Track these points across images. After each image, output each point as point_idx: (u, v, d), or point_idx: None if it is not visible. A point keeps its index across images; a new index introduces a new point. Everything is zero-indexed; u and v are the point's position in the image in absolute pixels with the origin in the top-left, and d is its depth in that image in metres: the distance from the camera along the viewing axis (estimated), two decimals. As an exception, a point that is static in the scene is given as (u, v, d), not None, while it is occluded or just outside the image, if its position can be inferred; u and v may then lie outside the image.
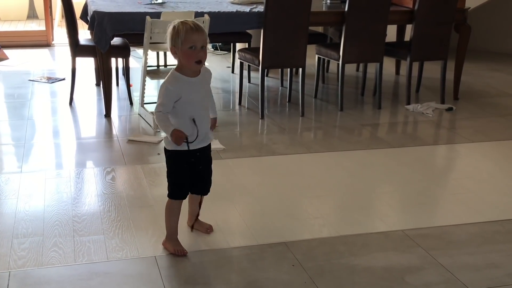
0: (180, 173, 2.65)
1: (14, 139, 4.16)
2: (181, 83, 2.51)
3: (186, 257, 2.66)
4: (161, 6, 4.83)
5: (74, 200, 3.20)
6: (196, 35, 2.43)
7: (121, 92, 5.40)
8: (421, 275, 2.57)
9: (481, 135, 4.51)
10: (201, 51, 2.46)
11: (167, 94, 2.50)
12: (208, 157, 2.71)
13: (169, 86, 2.51)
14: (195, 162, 2.63)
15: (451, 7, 5.00)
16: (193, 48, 2.45)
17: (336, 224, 3.02)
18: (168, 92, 2.50)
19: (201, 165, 2.67)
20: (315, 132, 4.62)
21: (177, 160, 2.63)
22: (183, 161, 2.62)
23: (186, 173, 2.65)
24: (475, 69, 6.65)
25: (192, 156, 2.61)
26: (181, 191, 2.67)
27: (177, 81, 2.51)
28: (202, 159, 2.66)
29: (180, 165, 2.63)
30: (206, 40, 2.48)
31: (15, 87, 5.50)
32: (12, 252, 2.66)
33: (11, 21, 8.90)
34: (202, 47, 2.46)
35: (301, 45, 4.73)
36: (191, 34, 2.43)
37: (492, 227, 3.03)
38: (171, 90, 2.50)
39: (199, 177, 2.69)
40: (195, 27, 2.44)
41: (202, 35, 2.46)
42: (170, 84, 2.51)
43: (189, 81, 2.52)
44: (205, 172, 2.71)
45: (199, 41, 2.45)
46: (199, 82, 2.55)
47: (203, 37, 2.46)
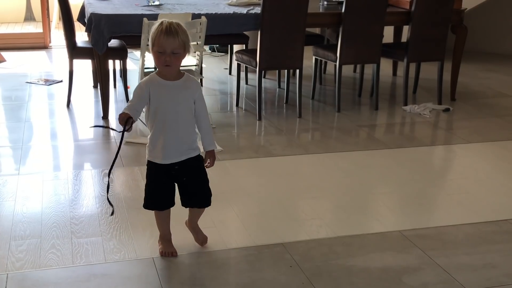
0: (156, 185, 2.60)
1: (12, 141, 4.16)
2: (154, 84, 2.46)
3: (184, 259, 2.66)
4: (158, 8, 4.83)
5: (71, 202, 3.21)
6: (165, 40, 2.35)
7: (118, 94, 5.40)
8: (418, 275, 2.58)
9: (478, 135, 4.52)
10: (170, 56, 2.38)
11: (136, 91, 2.47)
12: (194, 169, 2.60)
13: (141, 84, 2.47)
14: (176, 174, 2.57)
15: (448, 8, 5.02)
16: (161, 53, 2.38)
17: (333, 225, 3.03)
18: (137, 89, 2.47)
19: (185, 177, 2.59)
20: (313, 133, 4.63)
21: (153, 171, 2.59)
22: (159, 173, 2.56)
23: (163, 186, 2.59)
24: (471, 70, 6.66)
25: (171, 169, 2.55)
26: (156, 202, 2.62)
27: (150, 81, 2.47)
28: (184, 171, 2.57)
29: (155, 177, 2.58)
30: (180, 45, 2.38)
31: (13, 89, 5.50)
32: (9, 254, 2.66)
33: (8, 23, 8.89)
34: (173, 52, 2.38)
35: (298, 47, 4.74)
36: (160, 38, 2.36)
37: (489, 228, 3.04)
38: (142, 88, 2.46)
39: (185, 190, 2.63)
40: (167, 30, 2.35)
41: (174, 40, 2.36)
42: (142, 82, 2.48)
43: (164, 83, 2.45)
44: (191, 184, 2.61)
45: (168, 46, 2.36)
46: (176, 87, 2.46)
47: (175, 43, 2.36)
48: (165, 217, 2.68)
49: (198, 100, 2.53)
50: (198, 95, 2.53)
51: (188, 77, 2.52)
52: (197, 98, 2.53)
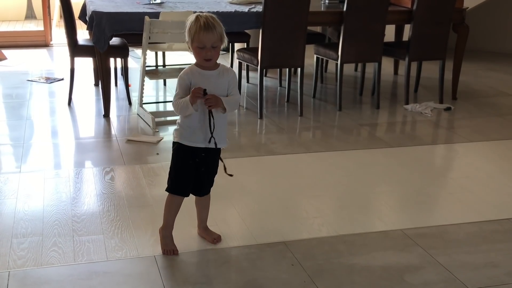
0: (182, 167, 2.64)
1: (13, 139, 4.16)
2: (193, 73, 2.54)
3: (186, 257, 2.66)
4: (159, 6, 4.83)
5: (73, 200, 3.21)
6: (204, 35, 2.44)
7: (119, 92, 5.40)
8: (420, 274, 2.57)
9: (479, 134, 4.52)
10: (210, 50, 2.47)
11: (179, 83, 2.56)
12: (213, 164, 2.69)
13: (182, 75, 2.56)
14: (199, 162, 2.62)
15: (449, 7, 5.01)
16: (202, 48, 2.47)
17: (335, 223, 3.03)
18: (181, 81, 2.55)
19: (204, 168, 2.65)
20: (314, 132, 4.62)
21: (182, 154, 2.62)
22: (188, 157, 2.61)
23: (190, 170, 2.64)
24: (473, 69, 6.66)
25: (197, 155, 2.60)
26: (181, 186, 2.66)
27: (190, 71, 2.55)
28: (206, 162, 2.64)
29: (185, 159, 2.62)
30: (218, 38, 2.47)
31: (14, 87, 5.50)
32: (11, 252, 2.66)
33: (9, 21, 8.89)
34: (213, 46, 2.46)
35: (300, 45, 4.74)
36: (200, 33, 2.44)
37: (490, 226, 3.04)
38: (183, 78, 2.54)
39: (198, 179, 2.67)
40: (205, 25, 2.44)
41: (213, 34, 2.44)
42: (183, 73, 2.56)
43: (202, 72, 2.54)
44: (205, 177, 2.69)
45: (208, 40, 2.45)
46: (214, 75, 2.55)
47: (214, 37, 2.45)
48: (177, 207, 2.71)
49: (230, 84, 2.60)
50: (231, 80, 2.60)
51: (223, 66, 2.60)
52: (230, 83, 2.60)
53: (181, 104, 2.52)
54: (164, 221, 2.73)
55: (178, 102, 2.54)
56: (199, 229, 2.84)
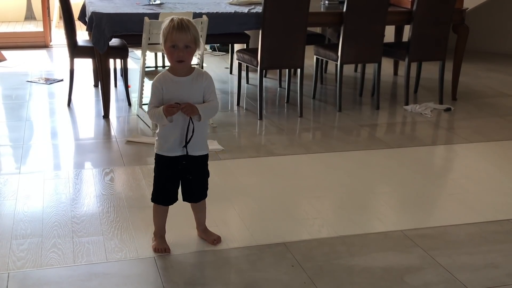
0: (163, 178, 2.64)
1: (12, 140, 4.15)
2: (166, 79, 2.52)
3: (185, 258, 2.66)
4: (159, 7, 4.83)
5: (73, 201, 3.20)
6: (178, 34, 2.42)
7: (119, 93, 5.39)
8: (420, 275, 2.57)
9: (479, 135, 4.52)
10: (182, 50, 2.44)
11: (153, 90, 2.53)
12: (199, 169, 2.67)
13: (155, 82, 2.53)
14: (182, 170, 2.61)
15: (449, 7, 5.01)
16: (174, 47, 2.44)
17: (335, 224, 3.03)
18: (153, 88, 2.53)
19: (191, 176, 2.64)
20: (314, 132, 4.62)
21: (160, 165, 2.63)
22: (167, 167, 2.61)
23: (171, 180, 2.64)
24: (473, 70, 6.66)
25: (179, 163, 2.59)
26: (162, 196, 2.67)
27: (163, 78, 2.53)
28: (191, 169, 2.62)
29: (164, 171, 2.62)
30: (191, 40, 2.44)
31: (13, 88, 5.49)
32: (11, 253, 2.65)
33: (8, 22, 8.89)
34: (186, 46, 2.44)
35: (299, 46, 4.74)
36: (173, 33, 2.43)
37: (491, 227, 3.03)
38: (156, 86, 2.52)
39: (187, 187, 2.67)
40: (179, 26, 2.42)
41: (186, 34, 2.43)
42: (155, 80, 2.54)
43: (176, 80, 2.51)
44: (194, 183, 2.67)
45: (181, 40, 2.43)
46: (187, 82, 2.52)
47: (187, 37, 2.43)
48: (164, 213, 2.72)
49: (206, 90, 2.56)
50: (206, 85, 2.55)
51: (197, 71, 2.57)
52: (205, 88, 2.56)
53: (156, 115, 2.50)
54: (155, 227, 2.74)
55: (153, 112, 2.51)
56: (199, 231, 2.84)
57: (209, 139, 4.17)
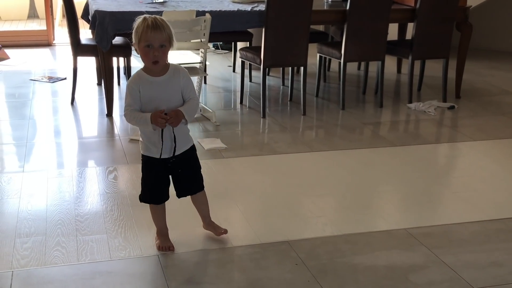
0: (150, 178, 2.64)
1: (16, 139, 4.16)
2: (142, 80, 2.47)
3: (189, 256, 2.66)
4: (162, 5, 4.82)
5: (76, 200, 3.20)
6: (152, 34, 2.37)
7: (122, 92, 5.39)
8: (425, 273, 2.57)
9: (483, 133, 4.51)
10: (158, 50, 2.40)
11: (130, 92, 2.48)
12: (189, 163, 2.65)
13: (130, 84, 2.49)
14: (172, 167, 2.60)
15: (453, 5, 5.00)
16: (149, 47, 2.40)
17: (338, 222, 3.02)
18: (130, 89, 2.48)
19: (180, 169, 2.62)
20: (317, 131, 4.62)
21: (148, 166, 2.62)
22: (155, 167, 2.59)
23: (159, 179, 2.63)
24: (476, 68, 6.64)
25: (167, 162, 2.58)
26: (153, 196, 2.66)
27: (138, 78, 2.48)
28: (179, 163, 2.60)
29: (151, 171, 2.61)
30: (166, 38, 2.40)
31: (16, 87, 5.50)
32: (15, 252, 2.66)
33: (11, 20, 8.89)
34: (161, 46, 2.40)
35: (303, 44, 4.73)
36: (147, 32, 2.37)
37: (495, 226, 3.03)
38: (132, 87, 2.47)
39: (179, 181, 2.66)
40: (153, 24, 2.37)
41: (161, 33, 2.38)
42: (131, 81, 2.49)
43: (151, 80, 2.47)
44: (185, 175, 2.65)
45: (155, 39, 2.38)
46: (164, 82, 2.48)
47: (162, 36, 2.38)
48: (161, 212, 2.71)
49: (185, 88, 2.52)
50: (184, 83, 2.51)
51: (173, 68, 2.51)
52: (183, 87, 2.52)
53: (139, 119, 2.46)
54: (156, 226, 2.74)
55: (134, 116, 2.47)
56: (204, 224, 2.83)
57: (212, 137, 4.18)
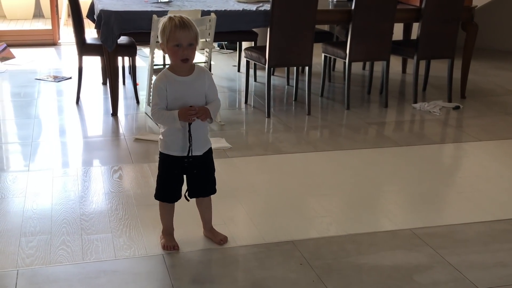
0: (167, 177, 2.64)
1: (21, 138, 4.17)
2: (169, 80, 2.49)
3: (194, 256, 2.66)
4: (167, 4, 4.83)
5: (81, 199, 3.21)
6: (181, 33, 2.39)
7: (127, 91, 5.40)
8: (429, 273, 2.56)
9: (488, 133, 4.50)
10: (187, 49, 2.42)
11: (157, 92, 2.49)
12: (204, 164, 2.65)
13: (157, 83, 2.50)
14: (188, 166, 2.60)
15: (458, 5, 4.99)
16: (178, 46, 2.41)
17: (343, 222, 3.02)
18: (157, 89, 2.49)
19: (196, 169, 2.62)
20: (322, 130, 4.61)
21: (166, 164, 2.62)
22: (173, 166, 2.60)
23: (175, 179, 2.64)
24: (482, 68, 6.63)
25: (184, 162, 2.58)
26: (168, 195, 2.67)
27: (165, 78, 2.49)
28: (196, 164, 2.61)
29: (169, 170, 2.62)
30: (194, 37, 2.42)
31: (22, 86, 5.51)
32: (20, 251, 2.66)
33: (17, 20, 8.92)
34: (190, 44, 2.42)
35: (307, 44, 4.73)
36: (176, 32, 2.39)
37: (500, 226, 3.02)
38: (160, 87, 2.49)
39: (193, 181, 2.66)
40: (181, 24, 2.39)
41: (189, 32, 2.40)
42: (158, 81, 2.50)
43: (179, 80, 2.49)
44: (199, 178, 2.65)
45: (184, 38, 2.40)
46: (190, 82, 2.50)
47: (190, 35, 2.41)
48: (170, 210, 2.72)
49: (209, 89, 2.57)
50: (209, 85, 2.56)
51: (198, 69, 2.55)
52: (208, 88, 2.56)
53: (166, 117, 2.48)
54: (163, 225, 2.75)
55: (162, 114, 2.49)
56: (205, 231, 2.83)
57: (217, 136, 4.18)
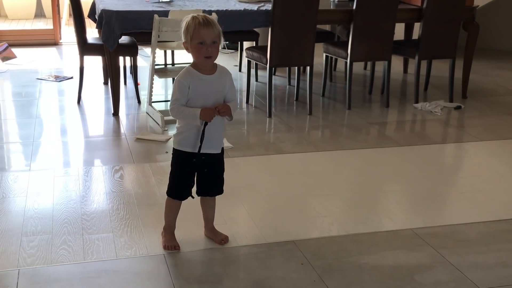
0: (181, 174, 2.65)
1: (22, 138, 4.17)
2: (192, 77, 2.51)
3: (195, 255, 2.66)
4: (168, 4, 4.83)
5: (82, 198, 3.21)
6: (205, 30, 2.43)
7: (129, 91, 5.40)
8: (431, 273, 2.56)
9: (490, 133, 4.49)
10: (211, 46, 2.45)
11: (179, 88, 2.52)
12: (216, 164, 2.67)
13: (181, 80, 2.52)
14: (200, 164, 2.61)
15: (460, 5, 4.99)
16: (202, 44, 2.44)
17: (344, 222, 3.02)
18: (180, 85, 2.52)
19: (207, 168, 2.64)
20: (323, 130, 4.61)
21: (180, 161, 2.63)
22: (186, 163, 2.61)
23: (188, 176, 2.64)
24: (483, 68, 6.62)
25: (197, 158, 2.59)
26: (179, 192, 2.67)
27: (189, 75, 2.52)
28: (208, 164, 2.62)
29: (183, 167, 2.63)
30: (217, 35, 2.46)
31: (23, 86, 5.52)
32: (21, 250, 2.67)
33: (18, 20, 8.92)
34: (213, 42, 2.45)
35: (309, 44, 4.73)
36: (199, 29, 2.43)
37: (501, 226, 3.02)
38: (183, 83, 2.51)
39: (203, 180, 2.67)
40: (204, 22, 2.43)
41: (212, 30, 2.44)
42: (182, 77, 2.53)
43: (202, 77, 2.51)
44: (210, 177, 2.67)
45: (208, 36, 2.44)
46: (213, 80, 2.53)
47: (214, 33, 2.44)
48: (177, 208, 2.72)
49: (229, 90, 2.60)
50: (229, 85, 2.59)
51: (221, 69, 2.58)
52: (229, 88, 2.59)
53: (186, 114, 2.51)
54: (166, 222, 2.75)
55: (182, 110, 2.51)
56: (206, 230, 2.83)
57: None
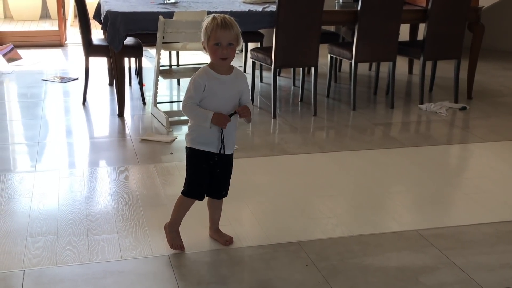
0: (198, 172, 2.64)
1: (28, 138, 4.18)
2: (209, 77, 2.52)
3: (200, 256, 2.66)
4: (173, 5, 4.83)
5: (87, 199, 3.22)
6: (222, 32, 2.44)
7: (134, 92, 5.41)
8: (435, 275, 2.56)
9: (495, 134, 4.48)
10: (226, 48, 2.46)
11: (195, 86, 2.52)
12: (227, 165, 2.68)
13: (197, 78, 2.53)
14: (213, 164, 2.62)
15: (465, 6, 4.98)
16: (218, 45, 2.46)
17: (349, 223, 3.02)
18: (196, 84, 2.52)
19: (219, 169, 2.65)
20: (328, 131, 4.61)
21: (195, 159, 2.63)
22: (201, 161, 2.61)
23: (204, 174, 2.64)
24: (488, 68, 6.61)
25: (211, 158, 2.60)
26: (197, 190, 2.67)
27: (206, 74, 2.53)
28: (220, 164, 2.64)
29: (199, 164, 2.63)
30: (234, 37, 2.47)
31: (29, 87, 5.53)
32: (26, 251, 2.67)
33: (24, 21, 8.95)
34: (229, 44, 2.46)
35: (314, 44, 4.73)
36: (217, 31, 2.44)
37: (506, 227, 3.01)
38: (199, 82, 2.51)
39: (214, 181, 2.68)
40: (222, 23, 2.44)
41: (229, 32, 2.45)
42: (198, 76, 2.53)
43: (218, 77, 2.52)
44: (221, 178, 2.68)
45: (224, 38, 2.45)
46: (229, 81, 2.54)
47: (230, 35, 2.45)
48: (189, 207, 2.72)
49: (244, 92, 2.61)
50: (245, 87, 2.62)
51: (237, 71, 2.60)
52: (244, 90, 2.61)
53: (198, 114, 2.52)
54: (172, 218, 2.74)
55: (194, 109, 2.52)
56: (211, 231, 2.84)
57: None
